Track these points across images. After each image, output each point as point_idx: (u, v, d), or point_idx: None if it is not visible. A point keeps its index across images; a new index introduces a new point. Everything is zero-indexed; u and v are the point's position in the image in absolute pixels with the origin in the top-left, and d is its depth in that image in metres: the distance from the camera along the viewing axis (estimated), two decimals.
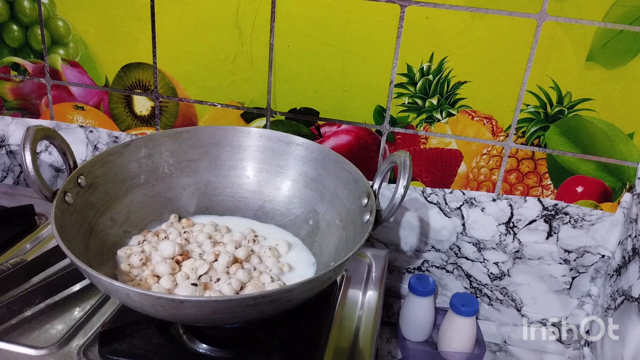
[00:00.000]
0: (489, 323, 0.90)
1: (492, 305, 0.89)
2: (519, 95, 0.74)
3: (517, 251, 0.83)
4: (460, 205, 0.82)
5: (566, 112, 0.73)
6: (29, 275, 0.68)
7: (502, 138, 0.77)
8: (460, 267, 0.87)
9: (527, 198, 0.79)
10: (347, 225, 0.68)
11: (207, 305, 0.51)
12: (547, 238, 0.81)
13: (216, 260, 0.65)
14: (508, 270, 0.85)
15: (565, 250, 0.81)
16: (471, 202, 0.81)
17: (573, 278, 0.83)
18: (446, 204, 0.82)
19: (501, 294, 0.87)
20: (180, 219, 0.74)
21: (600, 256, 0.80)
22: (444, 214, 0.83)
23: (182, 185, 0.76)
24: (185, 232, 0.71)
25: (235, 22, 0.77)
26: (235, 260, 0.66)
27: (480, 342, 0.82)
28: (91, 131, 0.90)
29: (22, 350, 0.59)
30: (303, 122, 0.82)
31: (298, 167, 0.76)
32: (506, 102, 0.75)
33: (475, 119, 0.77)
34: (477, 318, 0.83)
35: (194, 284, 0.59)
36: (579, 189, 0.78)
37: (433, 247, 0.86)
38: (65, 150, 0.66)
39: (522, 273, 0.84)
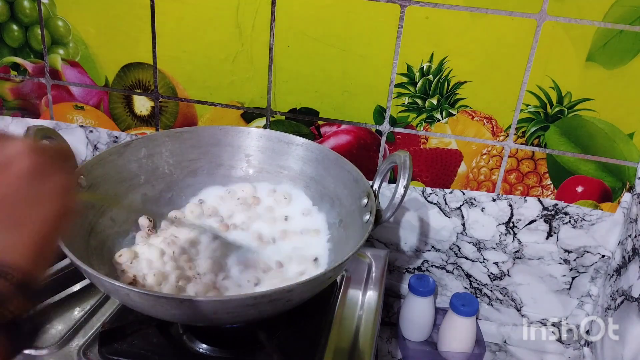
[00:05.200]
0: (489, 323, 0.90)
1: (492, 305, 0.89)
2: (519, 95, 0.74)
3: (517, 251, 0.83)
4: (460, 205, 0.82)
5: (566, 112, 0.73)
6: None
7: (502, 138, 0.77)
8: (460, 267, 0.87)
9: (527, 198, 0.79)
10: (347, 225, 0.68)
11: (207, 305, 0.51)
12: (547, 238, 0.81)
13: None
14: (508, 270, 0.85)
15: (565, 250, 0.81)
16: (471, 202, 0.81)
17: (573, 278, 0.83)
18: (446, 204, 0.82)
19: (501, 294, 0.87)
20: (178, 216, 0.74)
21: (600, 256, 0.80)
22: (444, 214, 0.83)
23: (182, 185, 0.76)
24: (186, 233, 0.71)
25: (235, 22, 0.77)
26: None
27: (480, 342, 0.82)
28: (91, 131, 0.90)
29: None
30: (303, 122, 0.82)
31: (298, 167, 0.76)
32: (506, 102, 0.75)
33: (475, 119, 0.77)
34: (477, 318, 0.83)
35: (195, 284, 0.59)
36: (579, 189, 0.78)
37: (433, 247, 0.86)
38: None
39: (522, 273, 0.84)
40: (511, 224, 0.81)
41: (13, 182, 0.34)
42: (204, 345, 0.61)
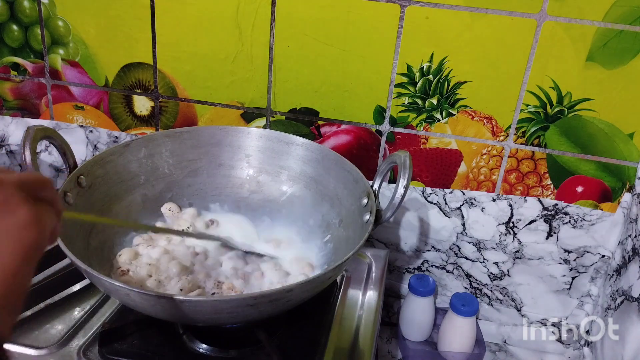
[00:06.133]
0: (489, 323, 0.90)
1: (492, 305, 0.89)
2: (519, 95, 0.74)
3: (517, 251, 0.83)
4: (460, 205, 0.82)
5: (566, 112, 0.73)
6: None
7: (502, 138, 0.77)
8: (460, 267, 0.87)
9: (527, 198, 0.79)
10: (347, 225, 0.68)
11: (207, 305, 0.51)
12: (547, 238, 0.81)
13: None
14: (508, 270, 0.85)
15: (565, 250, 0.81)
16: (471, 202, 0.81)
17: (573, 278, 0.83)
18: (446, 204, 0.82)
19: (501, 294, 0.87)
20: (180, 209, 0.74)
21: (600, 256, 0.80)
22: (444, 214, 0.83)
23: (182, 185, 0.76)
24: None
25: (235, 22, 0.77)
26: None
27: (480, 342, 0.82)
28: (91, 131, 0.90)
29: (22, 350, 0.59)
30: (303, 122, 0.82)
31: (298, 167, 0.76)
32: (506, 102, 0.75)
33: (475, 119, 0.77)
34: (477, 318, 0.83)
35: (194, 284, 0.59)
36: (579, 189, 0.78)
37: (433, 247, 0.86)
38: (65, 150, 0.66)
39: (522, 273, 0.84)
40: (511, 224, 0.81)
41: None
42: (204, 345, 0.61)
